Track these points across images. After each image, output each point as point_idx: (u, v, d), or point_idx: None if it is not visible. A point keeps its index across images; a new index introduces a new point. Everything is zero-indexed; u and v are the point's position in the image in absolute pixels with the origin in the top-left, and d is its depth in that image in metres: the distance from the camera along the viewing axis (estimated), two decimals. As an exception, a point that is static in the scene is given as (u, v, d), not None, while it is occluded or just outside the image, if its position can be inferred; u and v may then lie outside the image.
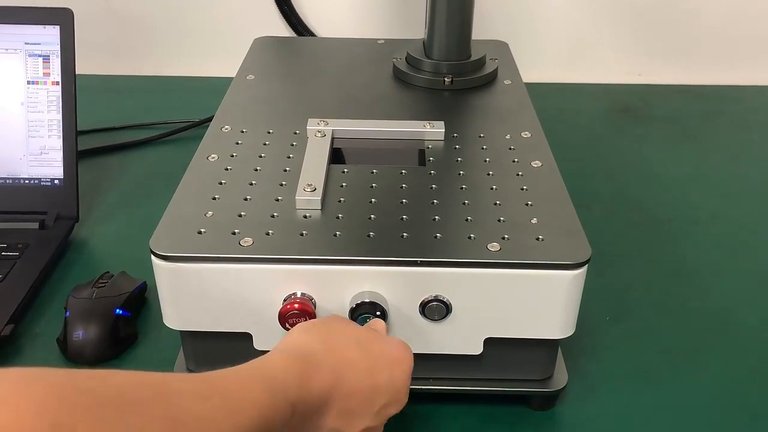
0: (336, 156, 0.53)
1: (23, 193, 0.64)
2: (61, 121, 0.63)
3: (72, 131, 0.63)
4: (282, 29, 0.90)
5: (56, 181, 0.64)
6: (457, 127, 0.56)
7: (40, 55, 0.63)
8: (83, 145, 0.71)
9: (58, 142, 0.63)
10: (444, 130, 0.55)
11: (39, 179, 0.64)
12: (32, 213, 0.63)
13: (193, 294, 0.43)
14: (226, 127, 0.56)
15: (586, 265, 0.42)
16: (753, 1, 0.90)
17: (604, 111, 0.87)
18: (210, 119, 0.78)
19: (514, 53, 0.71)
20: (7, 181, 0.63)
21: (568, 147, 0.77)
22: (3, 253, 0.59)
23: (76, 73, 0.63)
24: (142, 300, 0.56)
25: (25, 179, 0.63)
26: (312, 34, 0.90)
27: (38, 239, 0.61)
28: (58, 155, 0.63)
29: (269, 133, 0.55)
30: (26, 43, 0.63)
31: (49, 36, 0.63)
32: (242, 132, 0.55)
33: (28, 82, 0.63)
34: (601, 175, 0.74)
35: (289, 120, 0.57)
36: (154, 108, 0.85)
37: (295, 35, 0.90)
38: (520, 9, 0.90)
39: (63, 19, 0.63)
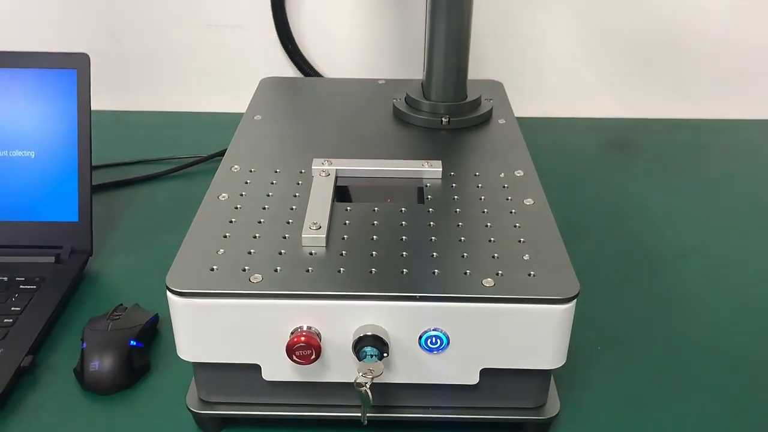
0: (340, 194, 0.56)
1: (40, 229, 0.66)
2: (77, 161, 0.66)
3: (87, 170, 0.66)
4: (286, 66, 0.94)
5: (71, 218, 0.67)
6: (454, 166, 0.59)
7: (57, 98, 0.66)
8: (95, 180, 0.74)
9: (74, 181, 0.66)
10: (441, 169, 0.58)
11: (55, 216, 0.66)
12: (48, 247, 0.66)
13: (205, 327, 0.45)
14: (236, 166, 0.59)
15: (575, 300, 0.45)
16: (740, 39, 0.93)
17: (596, 145, 0.91)
18: (218, 154, 0.83)
19: (508, 88, 0.74)
20: (25, 218, 0.66)
21: (561, 180, 0.81)
22: (21, 287, 0.62)
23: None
24: (153, 332, 0.59)
25: (42, 216, 0.66)
26: (315, 72, 0.93)
27: (54, 273, 0.64)
28: (74, 193, 0.66)
29: (276, 172, 0.58)
30: (45, 86, 0.66)
31: (66, 80, 0.66)
32: (251, 171, 0.58)
33: (46, 124, 0.66)
34: (593, 207, 0.77)
35: (295, 159, 0.60)
36: (162, 143, 0.89)
37: (299, 73, 0.93)
38: (513, 45, 0.94)
39: (80, 63, 0.66)
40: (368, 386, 0.44)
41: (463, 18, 0.65)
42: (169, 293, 0.45)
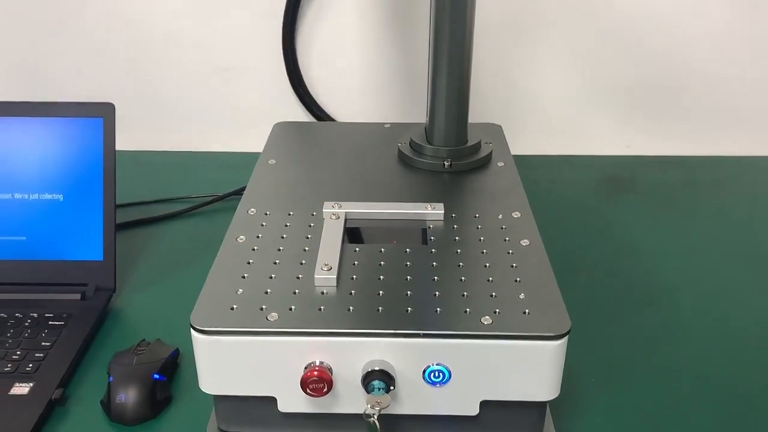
0: (349, 235, 0.60)
1: (67, 267, 0.71)
2: (102, 203, 0.71)
3: (111, 212, 0.71)
4: (297, 107, 0.98)
5: (97, 257, 0.71)
6: (455, 208, 0.63)
7: (85, 144, 0.71)
8: (118, 218, 0.78)
9: (99, 222, 0.71)
10: (443, 212, 0.62)
11: (82, 255, 0.71)
12: (75, 285, 0.70)
13: (226, 362, 0.49)
14: (252, 209, 0.63)
15: (566, 336, 0.48)
16: (732, 78, 0.98)
17: (592, 182, 0.95)
18: (233, 193, 0.88)
19: (507, 126, 0.79)
20: (54, 257, 0.71)
21: (558, 217, 0.85)
22: (50, 323, 0.66)
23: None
24: (175, 365, 0.63)
25: (69, 255, 0.71)
26: (324, 114, 0.98)
27: (80, 309, 0.68)
28: (99, 234, 0.71)
29: (290, 215, 0.62)
30: (73, 134, 0.71)
31: (94, 127, 0.71)
32: (266, 214, 0.62)
33: (74, 168, 0.71)
34: (589, 243, 0.81)
35: (307, 202, 0.64)
36: (181, 182, 0.93)
37: (309, 115, 0.98)
38: (511, 85, 0.98)
39: (106, 112, 0.71)
40: (376, 417, 0.48)
41: (463, 70, 0.69)
42: (193, 331, 0.49)
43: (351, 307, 0.51)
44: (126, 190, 0.87)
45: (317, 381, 0.48)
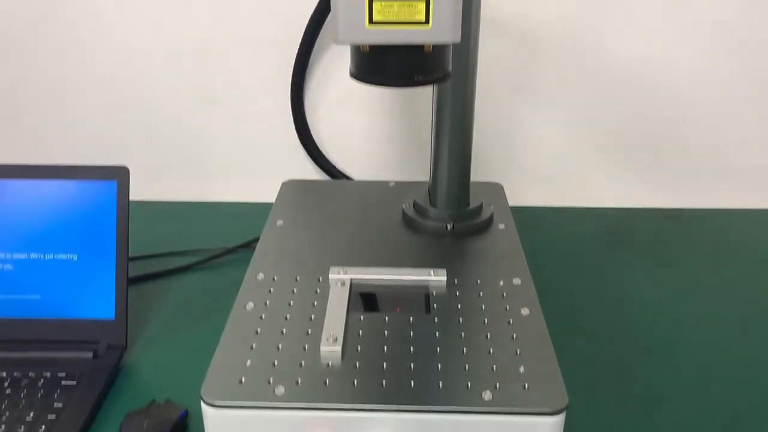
0: (354, 300, 0.62)
1: (80, 326, 0.73)
2: (115, 264, 0.73)
3: (124, 272, 0.73)
4: (305, 160, 1.01)
5: (109, 315, 0.73)
6: (458, 273, 0.65)
7: (99, 206, 0.73)
8: (128, 272, 0.81)
9: (112, 282, 0.73)
10: (446, 278, 0.64)
11: (94, 314, 0.73)
12: (87, 343, 0.72)
13: (235, 435, 0.51)
14: (261, 274, 0.65)
15: (564, 412, 0.50)
16: (730, 132, 1.00)
17: (591, 236, 0.96)
18: (242, 246, 0.90)
19: (506, 178, 0.81)
20: (66, 316, 0.73)
21: (557, 272, 0.87)
22: (63, 383, 0.68)
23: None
24: (184, 425, 0.64)
25: (81, 314, 0.73)
26: (332, 167, 1.00)
27: (92, 368, 0.70)
28: (111, 293, 0.73)
29: (297, 280, 0.64)
30: (88, 196, 0.73)
31: (108, 190, 0.74)
32: (274, 280, 0.65)
33: (89, 229, 0.73)
34: (588, 300, 0.82)
35: (314, 266, 0.66)
36: (191, 233, 0.95)
37: (317, 167, 1.01)
38: (511, 138, 1.00)
39: (120, 175, 0.74)
40: (380, 490, 0.50)
41: (465, 134, 0.72)
42: (203, 404, 0.51)
43: (356, 380, 0.52)
44: (137, 241, 0.89)
45: (323, 454, 0.50)
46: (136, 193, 1.01)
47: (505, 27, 0.93)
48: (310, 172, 1.02)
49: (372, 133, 1.00)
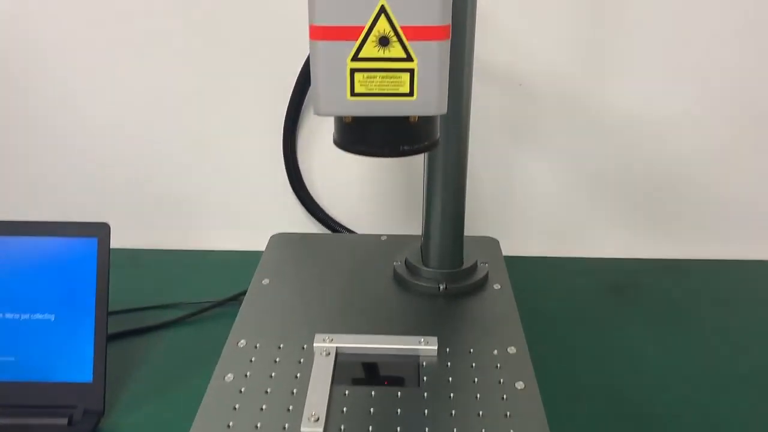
0: (340, 371, 0.59)
1: (55, 390, 0.69)
2: (94, 324, 0.70)
3: (103, 333, 0.70)
4: (296, 206, 0.98)
5: (86, 378, 0.70)
6: (449, 340, 0.62)
7: (78, 264, 0.71)
8: (110, 328, 0.78)
9: (90, 343, 0.70)
10: (437, 347, 0.61)
11: (70, 377, 0.70)
12: (62, 407, 0.69)
13: None
14: (242, 341, 0.62)
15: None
16: (732, 181, 0.97)
17: (591, 289, 0.93)
18: (231, 299, 0.87)
19: (503, 227, 0.78)
20: (41, 379, 0.70)
21: (555, 329, 0.83)
22: (35, 453, 0.64)
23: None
24: (159, 502, 0.61)
25: (57, 377, 0.70)
26: (325, 215, 0.98)
27: (67, 435, 0.66)
28: (89, 355, 0.70)
29: (280, 348, 0.61)
30: (67, 254, 0.71)
31: (88, 247, 0.71)
32: (255, 347, 0.62)
33: (67, 288, 0.70)
34: (588, 362, 0.79)
35: (298, 332, 0.63)
36: (178, 284, 0.93)
37: (309, 215, 0.98)
38: (508, 187, 0.98)
39: (100, 232, 0.71)
40: None
41: (458, 189, 0.69)
42: (174, 494, 0.48)
43: (337, 467, 0.49)
44: (121, 293, 0.87)
45: None
46: (123, 241, 0.99)
47: (499, 76, 0.91)
48: (302, 219, 1.00)
49: (366, 182, 0.97)
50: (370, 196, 0.98)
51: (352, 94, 0.43)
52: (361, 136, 0.47)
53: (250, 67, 0.91)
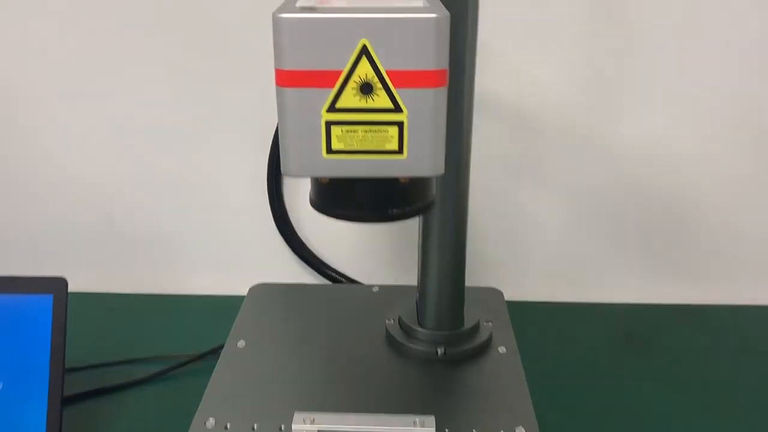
0: (322, 455, 0.51)
1: (2, 468, 0.62)
2: (47, 390, 0.62)
3: (57, 399, 0.62)
4: (281, 247, 0.91)
5: (37, 455, 0.62)
6: (449, 420, 0.54)
7: (31, 325, 0.63)
8: (71, 386, 0.70)
9: (43, 411, 0.62)
10: (434, 429, 0.53)
11: (20, 453, 0.62)
12: (10, 488, 0.61)
13: None
14: (210, 420, 0.54)
15: None
16: (759, 221, 0.90)
17: (604, 339, 0.85)
18: (210, 353, 0.79)
19: (507, 272, 0.70)
20: (-12, 453, 0.62)
21: (566, 390, 0.75)
22: None
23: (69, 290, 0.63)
24: None
25: (5, 453, 0.62)
26: (312, 257, 0.90)
27: None
28: (42, 425, 0.62)
29: (253, 429, 0.53)
30: (19, 313, 0.63)
31: (42, 305, 0.63)
32: (226, 428, 0.54)
33: (18, 351, 0.63)
34: (601, 417, 0.71)
35: (276, 408, 0.55)
36: (151, 333, 0.85)
37: (294, 255, 0.90)
38: (511, 228, 0.91)
39: (57, 288, 0.63)
40: None
41: (458, 242, 0.62)
42: None
43: None
44: (85, 346, 0.79)
45: None
46: (95, 285, 0.92)
47: (500, 108, 0.84)
48: (290, 261, 0.92)
49: (356, 231, 0.89)
50: (363, 238, 0.90)
51: (329, 151, 0.36)
52: (341, 196, 0.40)
53: (234, 102, 0.84)
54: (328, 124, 0.35)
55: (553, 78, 0.83)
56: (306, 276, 0.92)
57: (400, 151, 0.36)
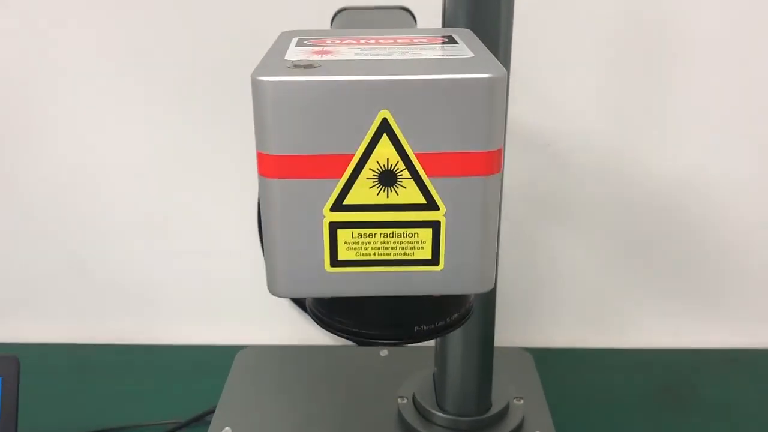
0: None
1: None
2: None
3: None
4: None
5: None
6: None
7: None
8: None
9: None
10: None
11: None
12: None
13: None
14: None
15: None
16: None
17: (637, 388, 0.75)
18: (197, 419, 0.69)
19: (533, 313, 0.61)
20: None
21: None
22: None
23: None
24: None
25: None
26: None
27: None
28: None
29: None
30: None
31: (-14, 389, 0.53)
32: None
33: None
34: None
35: None
36: (128, 394, 0.74)
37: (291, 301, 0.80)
38: (532, 267, 0.81)
39: (7, 369, 0.53)
40: None
41: (486, 309, 0.51)
42: None
43: None
44: (54, 412, 0.69)
45: None
46: (62, 335, 0.82)
47: (522, 135, 0.74)
48: (284, 305, 0.82)
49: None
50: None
51: (334, 263, 0.26)
52: (350, 310, 0.29)
53: (222, 136, 0.74)
54: (334, 227, 0.25)
55: (582, 101, 0.73)
56: (303, 324, 0.82)
57: (434, 261, 0.25)
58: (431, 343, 0.55)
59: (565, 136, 0.74)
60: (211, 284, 0.82)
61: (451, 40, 0.29)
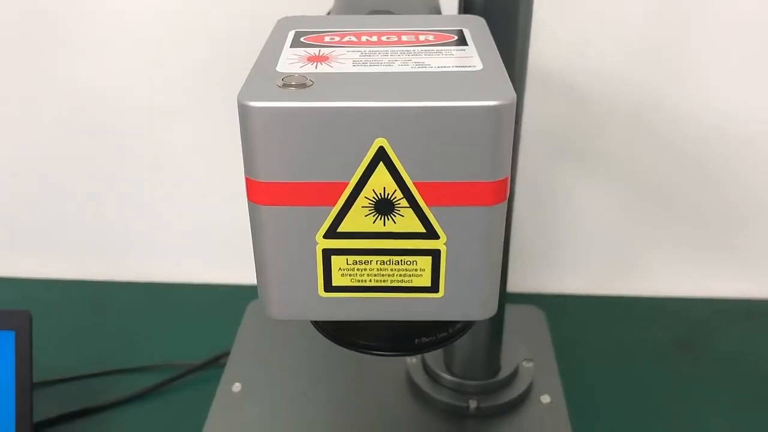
0: None
1: None
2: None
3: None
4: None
5: None
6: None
7: (-9, 366, 0.54)
8: (45, 405, 0.61)
9: (12, 463, 0.54)
10: None
11: None
12: None
13: None
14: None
15: None
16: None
17: (652, 341, 0.74)
18: (210, 362, 0.70)
19: (548, 262, 0.60)
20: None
21: (612, 401, 0.66)
22: None
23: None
24: None
25: None
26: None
27: None
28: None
29: None
30: (-25, 353, 0.54)
31: (2, 343, 0.54)
32: None
33: (-22, 395, 0.54)
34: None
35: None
36: (140, 334, 0.75)
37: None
38: (550, 212, 0.78)
39: (19, 323, 0.54)
40: None
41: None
42: None
43: None
44: (68, 351, 0.70)
45: None
46: (79, 271, 0.83)
47: (543, 77, 0.70)
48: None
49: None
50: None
51: (328, 288, 0.24)
52: (353, 324, 0.28)
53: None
54: (327, 254, 0.24)
55: (607, 39, 0.68)
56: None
57: (434, 289, 0.24)
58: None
59: (589, 80, 0.71)
60: (229, 226, 0.81)
61: (461, 39, 0.26)
